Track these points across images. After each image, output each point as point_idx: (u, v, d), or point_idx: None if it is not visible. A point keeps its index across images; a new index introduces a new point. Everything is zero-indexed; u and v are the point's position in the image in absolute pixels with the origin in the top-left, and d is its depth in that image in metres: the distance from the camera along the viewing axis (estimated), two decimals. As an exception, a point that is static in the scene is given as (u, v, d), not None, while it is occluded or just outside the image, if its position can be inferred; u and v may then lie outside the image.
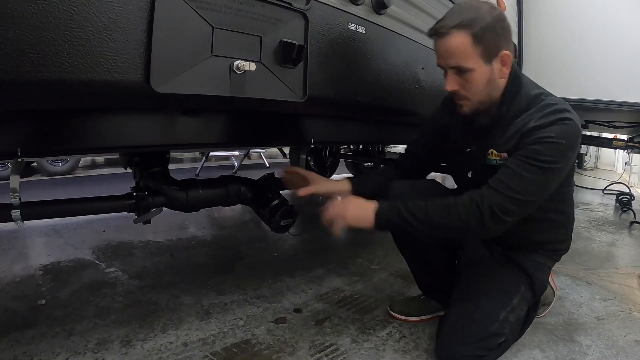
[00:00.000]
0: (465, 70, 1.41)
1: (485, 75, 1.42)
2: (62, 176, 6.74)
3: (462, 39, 1.36)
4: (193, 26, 1.08)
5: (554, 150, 1.35)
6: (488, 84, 1.44)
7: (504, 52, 1.41)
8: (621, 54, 3.06)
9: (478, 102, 1.48)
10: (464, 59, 1.39)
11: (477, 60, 1.39)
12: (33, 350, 1.57)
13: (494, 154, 1.50)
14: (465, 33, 1.36)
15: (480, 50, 1.38)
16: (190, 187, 1.83)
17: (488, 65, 1.41)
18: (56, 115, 1.27)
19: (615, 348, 1.70)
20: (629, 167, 8.33)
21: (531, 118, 1.39)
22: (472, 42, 1.36)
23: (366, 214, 1.47)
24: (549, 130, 1.34)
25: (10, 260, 2.51)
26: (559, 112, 1.37)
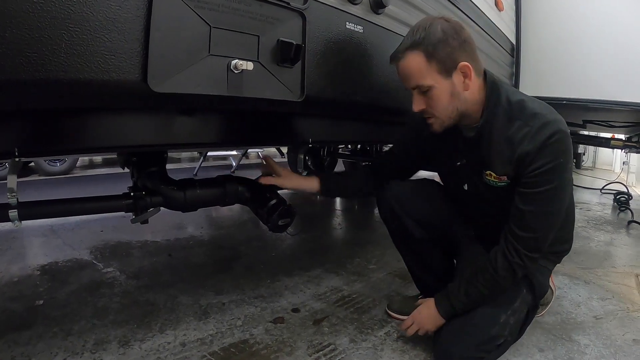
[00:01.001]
0: (426, 89, 1.42)
1: (446, 90, 1.42)
2: (60, 176, 6.72)
3: (415, 59, 1.39)
4: (190, 25, 1.08)
5: (557, 172, 1.38)
6: (452, 98, 1.43)
7: (463, 64, 1.39)
8: (619, 54, 3.07)
9: (446, 117, 1.47)
10: (421, 78, 1.41)
11: (435, 76, 1.40)
12: (31, 350, 1.57)
13: (492, 176, 1.50)
14: (417, 52, 1.38)
15: (435, 66, 1.38)
16: (188, 186, 1.82)
17: (447, 79, 1.41)
18: (53, 114, 1.27)
19: (613, 347, 1.70)
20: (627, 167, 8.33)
21: (522, 136, 1.39)
22: (426, 59, 1.38)
23: (438, 321, 1.59)
24: (544, 155, 1.36)
25: (8, 261, 2.50)
26: (547, 125, 1.37)
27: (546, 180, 1.38)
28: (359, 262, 2.64)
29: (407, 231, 1.73)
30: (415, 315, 1.63)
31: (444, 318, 1.56)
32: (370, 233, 3.41)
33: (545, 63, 3.23)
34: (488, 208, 1.62)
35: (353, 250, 2.90)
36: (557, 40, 3.24)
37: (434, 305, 1.58)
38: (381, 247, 2.90)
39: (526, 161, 1.37)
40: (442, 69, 1.39)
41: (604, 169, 10.55)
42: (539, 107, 1.43)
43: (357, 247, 2.95)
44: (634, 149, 4.77)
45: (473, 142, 1.53)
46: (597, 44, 3.12)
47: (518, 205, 1.43)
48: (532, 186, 1.39)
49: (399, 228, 1.75)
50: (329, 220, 3.94)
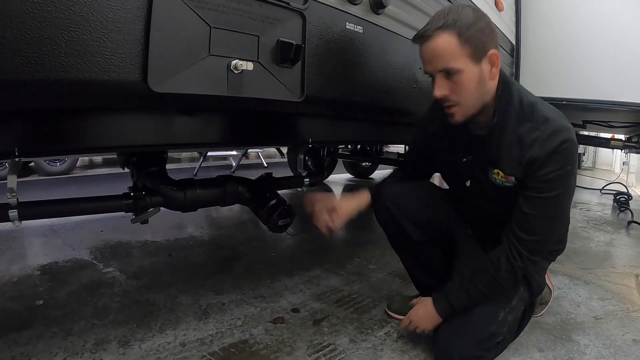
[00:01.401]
0: (454, 72, 1.36)
1: (474, 76, 1.38)
2: (60, 176, 6.72)
3: (448, 39, 1.33)
4: (190, 25, 1.08)
5: (565, 177, 1.39)
6: (479, 85, 1.39)
7: (492, 51, 1.37)
8: (619, 54, 3.07)
9: (471, 105, 1.43)
10: (452, 60, 1.34)
11: (466, 60, 1.35)
12: (30, 350, 1.57)
13: (500, 175, 1.48)
14: (450, 33, 1.32)
15: (467, 49, 1.34)
16: (187, 186, 1.83)
17: (477, 65, 1.37)
18: (54, 114, 1.27)
19: (613, 347, 1.70)
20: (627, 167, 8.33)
21: (533, 140, 1.37)
22: (459, 41, 1.32)
23: (435, 320, 1.58)
24: (554, 162, 1.35)
25: (8, 261, 2.50)
26: (558, 132, 1.36)
27: (553, 187, 1.38)
28: (358, 262, 2.64)
29: (404, 233, 1.72)
30: (411, 315, 1.62)
31: (442, 317, 1.56)
32: (369, 233, 3.41)
33: (545, 63, 3.23)
34: (489, 206, 1.62)
35: (353, 250, 2.90)
36: (557, 40, 3.24)
37: (432, 305, 1.58)
38: (381, 247, 2.90)
39: (535, 165, 1.37)
40: (473, 53, 1.35)
41: (604, 169, 10.56)
42: (550, 111, 1.42)
43: (357, 247, 2.96)
44: (633, 149, 4.77)
45: (482, 139, 1.51)
46: (597, 44, 3.12)
47: (523, 208, 1.42)
48: (539, 191, 1.39)
49: (397, 230, 1.74)
50: (328, 221, 3.93)
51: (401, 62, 1.85)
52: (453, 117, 1.46)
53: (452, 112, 1.45)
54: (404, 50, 1.85)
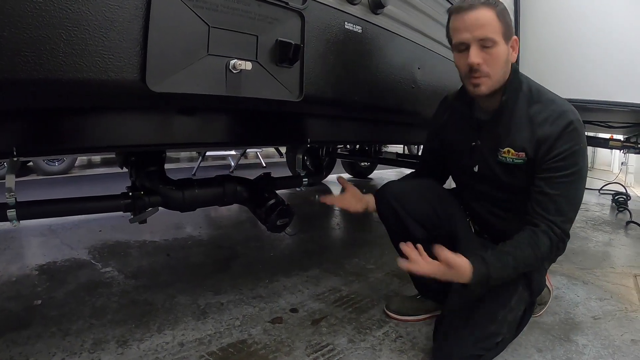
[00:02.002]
0: (491, 43, 1.45)
1: (504, 53, 1.48)
2: (59, 176, 6.71)
3: (490, 14, 1.44)
4: (189, 25, 1.08)
5: (577, 157, 1.47)
6: (505, 63, 1.50)
7: (515, 37, 1.51)
8: (618, 54, 3.07)
9: (496, 80, 1.50)
10: (491, 31, 1.44)
11: (500, 36, 1.45)
12: (29, 350, 1.57)
13: (510, 153, 1.54)
14: (492, 10, 1.44)
15: (502, 28, 1.45)
16: (186, 186, 1.83)
17: (506, 44, 1.48)
18: (52, 114, 1.27)
19: (611, 347, 1.70)
20: (625, 167, 8.34)
21: (544, 119, 1.48)
22: (498, 18, 1.44)
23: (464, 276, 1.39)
24: (567, 140, 1.45)
25: (6, 260, 2.50)
26: (566, 112, 1.47)
27: (570, 164, 1.46)
28: (357, 262, 2.64)
29: (407, 231, 1.72)
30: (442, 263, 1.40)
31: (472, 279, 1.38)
32: (368, 233, 3.41)
33: (543, 63, 3.23)
34: (495, 191, 1.66)
35: (351, 250, 2.90)
36: (556, 40, 3.24)
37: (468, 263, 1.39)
38: (380, 248, 2.90)
39: (547, 143, 1.45)
40: (505, 33, 1.46)
41: (603, 169, 10.55)
42: (555, 96, 1.54)
43: (356, 247, 2.95)
44: (632, 149, 4.77)
45: (490, 123, 1.59)
46: (596, 44, 3.12)
47: (546, 190, 1.47)
48: (559, 170, 1.46)
49: (399, 228, 1.74)
50: (327, 221, 3.93)
51: (400, 62, 1.85)
52: (479, 88, 1.51)
53: (480, 82, 1.51)
54: (402, 50, 1.85)
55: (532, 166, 1.51)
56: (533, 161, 1.50)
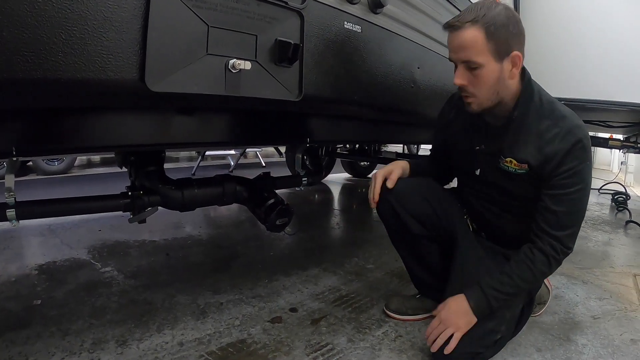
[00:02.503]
0: (475, 66, 1.42)
1: (494, 73, 1.43)
2: (58, 175, 6.72)
3: (475, 33, 1.38)
4: (188, 25, 1.08)
5: (583, 173, 1.47)
6: (497, 82, 1.45)
7: (516, 52, 1.43)
8: (617, 54, 3.07)
9: (486, 99, 1.48)
10: (475, 54, 1.40)
11: (488, 56, 1.40)
12: (28, 350, 1.57)
13: (513, 163, 1.53)
14: (478, 28, 1.38)
15: (492, 46, 1.39)
16: (185, 186, 1.83)
17: (498, 63, 1.42)
18: (51, 114, 1.27)
19: (611, 347, 1.70)
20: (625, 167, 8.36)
21: (552, 136, 1.46)
22: (485, 37, 1.38)
23: (469, 317, 1.50)
24: (573, 157, 1.44)
25: (6, 260, 2.50)
26: (575, 130, 1.45)
27: (576, 182, 1.46)
28: (357, 261, 2.64)
29: (406, 228, 1.73)
30: (441, 314, 1.53)
31: (476, 314, 1.49)
32: (368, 233, 3.41)
33: (543, 63, 3.23)
34: (495, 195, 1.66)
35: (351, 249, 2.90)
36: (556, 40, 3.24)
37: (464, 299, 1.51)
38: (379, 247, 2.90)
39: (555, 160, 1.44)
40: (497, 51, 1.40)
41: (602, 168, 10.55)
42: (567, 111, 1.50)
43: (355, 247, 2.95)
44: (632, 149, 4.77)
45: (498, 130, 1.57)
46: (595, 44, 3.12)
47: (551, 207, 1.48)
48: (564, 187, 1.46)
49: (398, 225, 1.74)
50: (327, 220, 3.93)
51: (399, 62, 1.85)
52: (469, 106, 1.53)
53: (469, 102, 1.52)
54: (402, 49, 1.85)
55: (534, 176, 1.50)
56: (536, 173, 1.49)
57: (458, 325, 1.49)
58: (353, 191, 5.55)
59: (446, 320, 1.51)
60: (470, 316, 1.49)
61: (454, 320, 1.50)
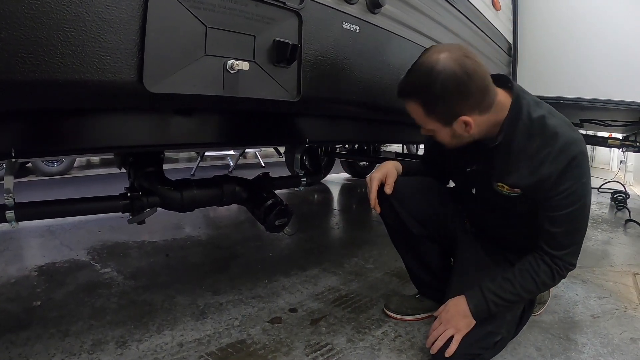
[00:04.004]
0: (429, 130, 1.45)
1: (447, 134, 1.43)
2: (57, 176, 6.71)
3: (415, 107, 1.39)
4: (186, 26, 1.08)
5: (580, 192, 1.40)
6: (454, 138, 1.44)
7: (463, 118, 1.35)
8: (617, 53, 3.08)
9: (454, 145, 1.48)
10: (422, 123, 1.43)
11: (435, 124, 1.40)
12: (28, 351, 1.57)
13: (505, 188, 1.48)
14: (416, 103, 1.38)
15: (434, 118, 1.38)
16: (184, 187, 1.83)
17: (447, 127, 1.40)
18: (50, 115, 1.27)
19: (610, 346, 1.70)
20: (624, 166, 8.37)
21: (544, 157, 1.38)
22: (424, 111, 1.38)
23: (468, 320, 1.49)
24: (567, 178, 1.37)
25: (5, 262, 2.49)
26: (567, 147, 1.37)
27: (572, 202, 1.39)
28: (356, 261, 2.64)
29: (405, 228, 1.73)
30: (442, 316, 1.54)
31: (474, 316, 1.48)
32: (367, 233, 3.41)
33: (542, 62, 3.23)
34: (493, 210, 1.63)
35: (351, 250, 2.90)
36: (555, 39, 3.24)
37: (464, 301, 1.51)
38: (379, 247, 2.90)
39: (548, 183, 1.38)
40: (441, 120, 1.38)
41: (602, 167, 10.56)
42: (559, 124, 1.40)
43: (355, 247, 2.95)
44: (631, 148, 4.78)
45: (488, 152, 1.49)
46: (594, 43, 3.12)
47: (549, 229, 1.44)
48: (561, 209, 1.40)
49: (398, 225, 1.75)
50: (326, 220, 3.93)
51: (398, 62, 1.84)
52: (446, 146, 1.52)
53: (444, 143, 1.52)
54: (400, 49, 1.85)
55: (529, 196, 1.46)
56: (531, 194, 1.44)
57: (458, 327, 1.48)
58: (352, 191, 5.55)
59: (446, 322, 1.51)
60: (469, 318, 1.49)
61: (454, 321, 1.50)
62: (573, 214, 1.41)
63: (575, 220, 1.43)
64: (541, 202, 1.44)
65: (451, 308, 1.53)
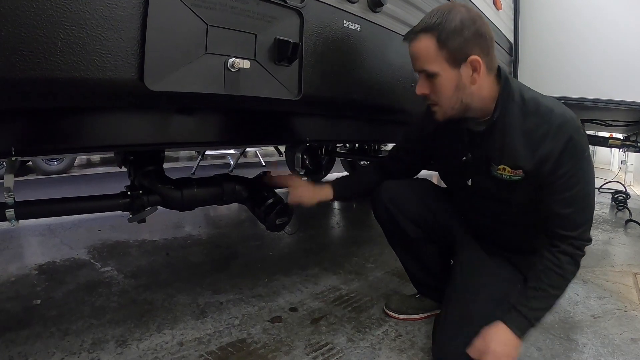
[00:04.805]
0: (432, 74, 1.39)
1: (452, 81, 1.39)
2: (58, 175, 6.71)
3: (426, 42, 1.36)
4: (187, 24, 1.07)
5: (583, 168, 1.40)
6: (456, 89, 1.40)
7: (473, 57, 1.35)
8: (618, 53, 3.07)
9: (449, 108, 1.44)
10: (428, 63, 1.38)
11: (443, 64, 1.37)
12: (28, 350, 1.56)
13: (507, 170, 1.45)
14: (429, 36, 1.35)
15: (445, 54, 1.35)
16: (185, 185, 1.82)
17: (455, 70, 1.37)
18: (50, 113, 1.26)
19: (611, 346, 1.70)
20: (625, 166, 8.36)
21: (543, 134, 1.36)
22: (437, 45, 1.34)
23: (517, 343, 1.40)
24: (570, 157, 1.36)
25: (6, 260, 2.50)
26: (566, 124, 1.35)
27: (579, 179, 1.39)
28: (357, 261, 2.64)
29: (402, 231, 1.72)
30: (485, 349, 1.38)
31: (520, 337, 1.41)
32: (368, 232, 3.41)
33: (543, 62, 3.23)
34: (491, 204, 1.59)
35: (351, 249, 2.90)
36: (556, 39, 3.24)
37: (505, 327, 1.40)
38: (379, 246, 2.90)
39: (550, 161, 1.36)
40: (451, 58, 1.35)
41: (602, 167, 10.53)
42: (553, 103, 1.41)
43: (355, 246, 2.95)
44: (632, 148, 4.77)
45: (481, 136, 1.49)
46: (595, 43, 3.12)
47: (560, 211, 1.41)
48: (569, 189, 1.39)
49: (395, 229, 1.74)
50: (326, 219, 3.93)
51: (399, 61, 1.84)
52: (435, 115, 1.49)
53: (434, 110, 1.49)
54: (401, 48, 1.84)
55: (531, 181, 1.43)
56: (533, 177, 1.41)
57: (512, 356, 1.40)
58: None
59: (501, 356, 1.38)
60: (515, 340, 1.40)
61: (507, 353, 1.39)
62: (582, 191, 1.40)
63: (585, 197, 1.43)
64: (546, 185, 1.41)
65: (494, 341, 1.39)
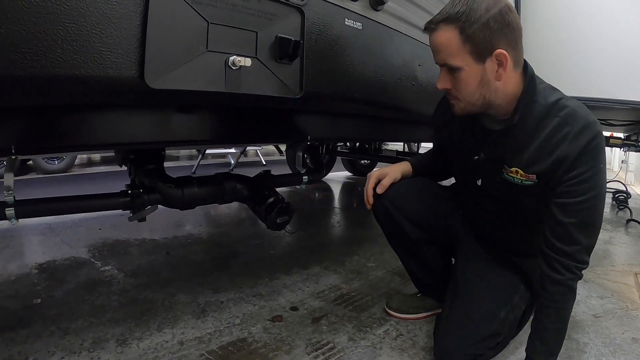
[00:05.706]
0: (454, 69, 1.30)
1: (476, 76, 1.30)
2: (58, 174, 6.71)
3: (449, 35, 1.26)
4: (188, 21, 1.07)
5: (596, 178, 1.29)
6: (480, 85, 1.31)
7: (499, 51, 1.25)
8: (619, 53, 3.07)
9: (470, 103, 1.36)
10: (450, 57, 1.29)
11: (466, 58, 1.27)
12: (28, 349, 1.56)
13: (519, 174, 1.38)
14: (452, 28, 1.26)
15: (469, 47, 1.26)
16: (185, 184, 1.82)
17: (479, 64, 1.28)
18: (50, 111, 1.26)
19: (612, 346, 1.70)
20: (626, 166, 8.36)
21: (562, 136, 1.28)
22: (460, 38, 1.25)
23: None
24: (585, 161, 1.26)
25: (6, 259, 2.49)
26: (587, 127, 1.26)
27: (587, 188, 1.28)
28: (357, 260, 2.64)
29: (403, 232, 1.71)
30: None
31: None
32: (369, 231, 3.40)
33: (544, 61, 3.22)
34: (499, 206, 1.55)
35: (352, 248, 2.89)
36: (557, 38, 3.23)
37: None
38: (380, 245, 2.90)
39: (565, 164, 1.28)
40: (476, 51, 1.26)
41: (603, 167, 10.55)
42: (577, 105, 1.31)
43: (356, 245, 2.95)
44: (632, 147, 4.77)
45: (498, 136, 1.42)
46: (597, 42, 3.11)
47: (560, 218, 1.31)
48: (574, 195, 1.29)
49: (395, 229, 1.72)
50: (327, 218, 3.93)
51: (400, 59, 1.84)
52: (453, 108, 1.42)
53: (453, 104, 1.41)
54: (403, 47, 1.85)
55: (543, 186, 1.35)
56: (545, 182, 1.34)
57: None
58: (354, 189, 5.54)
59: None
60: None
61: None
62: (587, 203, 1.29)
63: (589, 212, 1.30)
64: (555, 186, 1.32)
65: None
